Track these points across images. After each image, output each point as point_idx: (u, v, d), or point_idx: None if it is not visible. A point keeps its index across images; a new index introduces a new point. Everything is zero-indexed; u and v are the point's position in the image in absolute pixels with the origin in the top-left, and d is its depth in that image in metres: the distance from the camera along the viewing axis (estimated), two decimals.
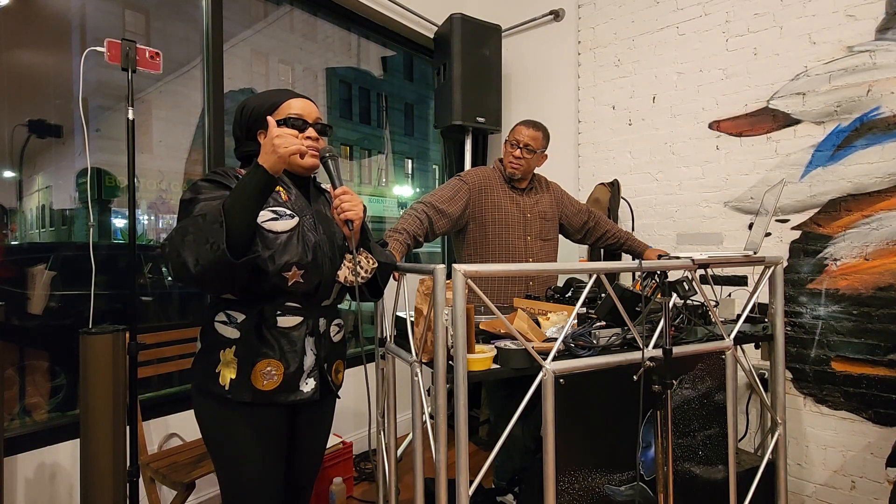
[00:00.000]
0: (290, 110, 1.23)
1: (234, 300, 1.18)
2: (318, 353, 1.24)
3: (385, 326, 1.59)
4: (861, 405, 2.05)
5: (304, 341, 1.21)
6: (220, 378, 1.16)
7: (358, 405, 2.74)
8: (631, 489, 1.36)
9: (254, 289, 1.15)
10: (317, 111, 1.27)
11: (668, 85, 2.57)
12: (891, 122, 1.99)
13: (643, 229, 2.64)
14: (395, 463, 1.58)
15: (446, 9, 2.90)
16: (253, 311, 1.16)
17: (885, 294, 1.99)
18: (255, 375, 1.16)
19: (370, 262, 1.24)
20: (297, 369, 1.19)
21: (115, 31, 2.16)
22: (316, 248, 1.21)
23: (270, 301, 1.18)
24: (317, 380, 1.23)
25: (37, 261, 1.96)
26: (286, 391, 1.19)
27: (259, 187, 1.05)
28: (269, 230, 1.14)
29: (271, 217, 1.15)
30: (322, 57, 3.08)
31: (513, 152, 2.00)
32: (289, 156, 1.05)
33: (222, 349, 1.17)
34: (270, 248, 1.13)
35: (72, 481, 1.76)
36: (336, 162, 1.21)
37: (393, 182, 3.72)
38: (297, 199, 1.24)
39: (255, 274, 1.11)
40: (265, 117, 1.18)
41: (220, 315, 1.18)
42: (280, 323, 1.18)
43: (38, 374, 1.91)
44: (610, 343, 1.33)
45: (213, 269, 0.99)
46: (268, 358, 1.16)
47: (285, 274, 1.15)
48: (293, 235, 1.17)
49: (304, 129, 1.22)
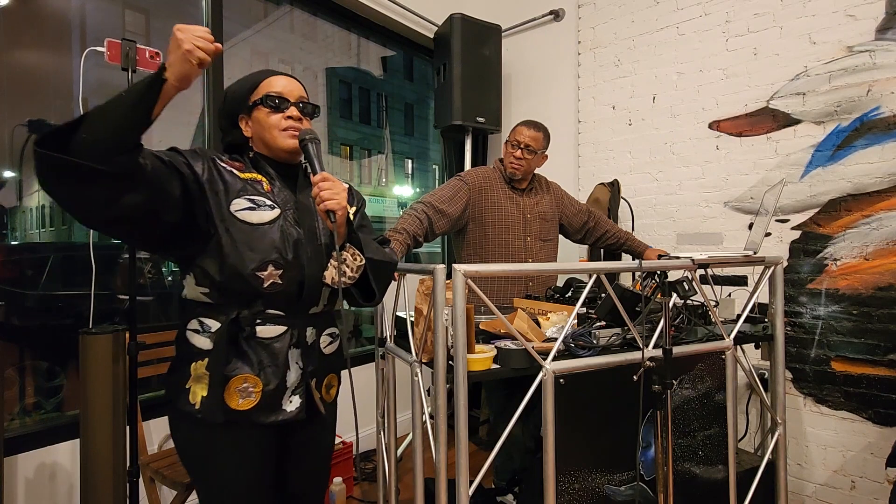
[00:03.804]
0: (269, 88, 1.11)
1: (209, 305, 1.05)
2: (304, 367, 1.10)
3: (385, 326, 1.59)
4: (861, 405, 2.05)
5: (287, 354, 1.07)
6: (191, 395, 1.03)
7: (358, 405, 2.74)
8: (631, 489, 1.36)
9: (227, 291, 1.03)
10: (301, 89, 1.15)
11: (668, 85, 2.57)
12: (891, 122, 1.98)
13: (643, 229, 2.64)
14: (395, 463, 1.58)
15: (446, 9, 2.90)
16: (228, 319, 1.02)
17: (885, 294, 1.99)
18: (230, 393, 1.02)
19: (357, 259, 1.08)
20: (278, 386, 1.05)
21: (115, 31, 2.16)
22: (298, 244, 1.07)
23: (248, 307, 1.04)
24: (303, 397, 1.09)
25: (37, 261, 1.97)
26: (266, 411, 1.05)
27: (144, 85, 0.83)
28: (243, 221, 1.02)
29: (247, 206, 1.03)
30: (322, 57, 3.08)
31: (513, 153, 2.00)
32: (194, 52, 0.84)
33: (194, 361, 1.03)
34: (245, 243, 1.01)
35: (72, 481, 1.76)
36: (317, 146, 1.08)
37: (393, 182, 3.72)
38: (280, 190, 1.11)
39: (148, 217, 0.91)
40: (245, 101, 1.11)
41: (192, 322, 1.05)
42: (260, 333, 1.04)
43: (38, 374, 1.91)
44: (610, 343, 1.33)
45: (43, 167, 0.79)
46: (244, 373, 1.03)
47: (260, 274, 1.01)
48: (272, 229, 1.04)
49: (285, 107, 1.10)
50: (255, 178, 1.09)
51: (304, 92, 1.16)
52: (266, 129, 1.10)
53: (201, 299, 1.05)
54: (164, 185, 0.93)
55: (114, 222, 0.90)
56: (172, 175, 0.95)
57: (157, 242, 1.00)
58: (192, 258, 1.03)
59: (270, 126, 1.10)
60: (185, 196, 0.97)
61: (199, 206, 1.00)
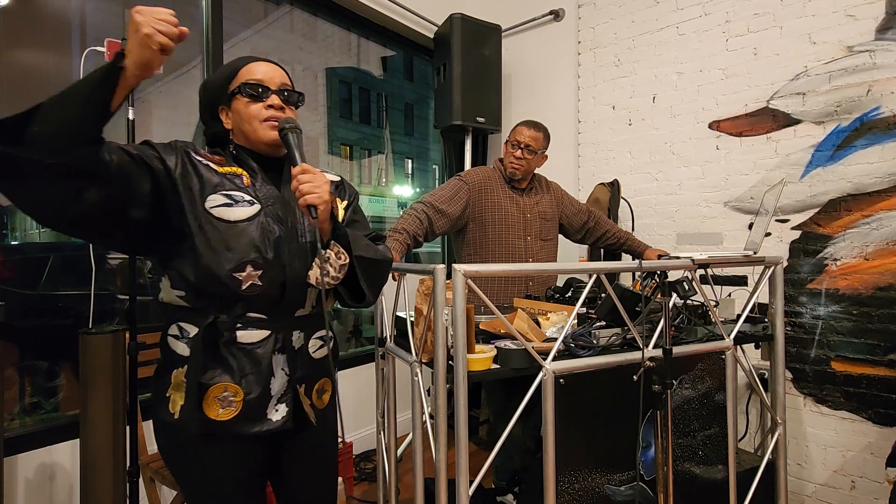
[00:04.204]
0: (248, 76, 1.03)
1: (187, 309, 0.98)
2: (291, 373, 1.03)
3: (385, 326, 1.59)
4: (861, 405, 2.05)
5: (271, 360, 1.00)
6: (171, 404, 0.98)
7: (358, 405, 2.74)
8: (631, 489, 1.36)
9: (204, 294, 0.96)
10: (283, 76, 1.07)
11: (668, 85, 2.57)
12: (891, 122, 1.98)
13: (643, 229, 2.64)
14: (395, 463, 1.58)
15: (446, 9, 2.90)
16: (207, 323, 0.96)
17: (885, 294, 1.99)
18: (209, 402, 0.95)
19: (342, 258, 1.00)
20: (261, 394, 0.98)
21: (115, 31, 2.16)
22: (279, 243, 1.00)
23: (228, 310, 0.97)
24: (289, 405, 1.02)
25: (37, 261, 1.97)
26: (249, 421, 0.98)
27: (101, 73, 0.77)
28: (219, 218, 0.95)
29: (223, 203, 0.96)
30: (322, 57, 3.08)
31: (514, 153, 2.00)
32: (154, 36, 0.76)
33: (175, 368, 0.98)
34: (221, 242, 0.94)
35: (72, 481, 1.76)
36: (298, 135, 1.00)
37: (393, 182, 3.72)
38: (262, 184, 1.04)
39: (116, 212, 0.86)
40: (224, 90, 1.03)
41: (172, 327, 1.00)
42: (240, 338, 0.98)
43: (38, 374, 1.91)
44: (610, 343, 1.33)
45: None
46: (223, 381, 0.96)
47: (237, 275, 0.94)
48: (250, 227, 0.97)
49: (265, 96, 1.02)
50: (234, 173, 1.02)
51: (288, 79, 1.08)
52: (246, 119, 1.03)
53: (178, 303, 0.99)
54: (131, 181, 0.87)
55: (75, 222, 0.84)
56: (142, 170, 0.89)
57: (124, 242, 0.95)
58: (168, 259, 0.98)
59: (250, 117, 1.02)
60: (155, 192, 0.91)
61: (172, 202, 0.94)
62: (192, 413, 0.94)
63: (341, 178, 1.21)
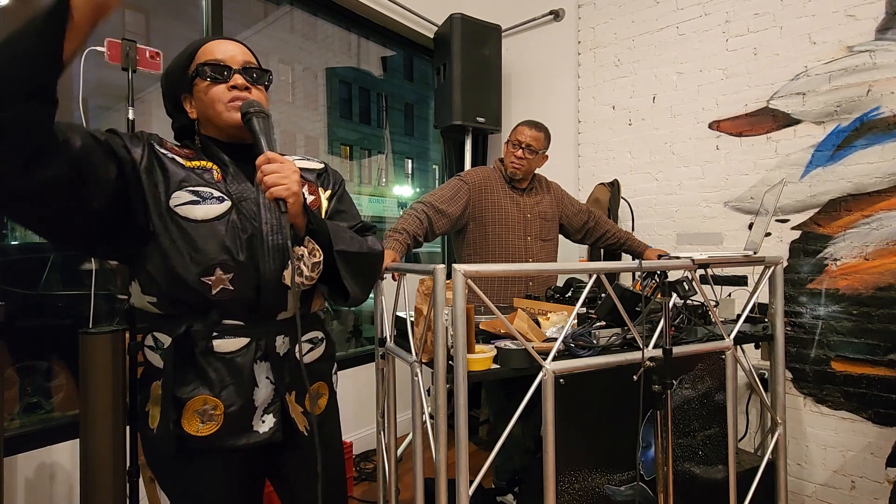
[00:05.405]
0: (207, 56, 0.93)
1: (161, 316, 0.92)
2: (277, 381, 0.96)
3: (385, 326, 1.59)
4: (861, 405, 2.05)
5: (252, 369, 0.93)
6: (150, 418, 0.92)
7: (358, 405, 2.74)
8: (631, 489, 1.36)
9: (175, 301, 0.89)
10: (246, 53, 0.97)
11: (668, 85, 2.57)
12: (891, 122, 1.98)
13: (643, 229, 2.64)
14: (395, 463, 1.58)
15: (446, 9, 2.90)
16: (179, 333, 0.89)
17: (885, 294, 1.99)
18: (188, 417, 0.89)
19: (316, 255, 0.92)
20: (244, 406, 0.92)
21: (115, 31, 2.16)
22: (252, 242, 0.92)
23: (202, 318, 0.90)
24: (277, 416, 0.95)
25: (37, 261, 1.96)
26: (233, 434, 0.91)
27: (44, 11, 0.68)
28: (185, 217, 0.87)
29: (189, 200, 0.88)
30: (322, 57, 3.08)
31: (514, 152, 2.00)
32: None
33: (153, 381, 0.92)
34: (188, 244, 0.87)
35: (72, 481, 1.76)
36: (264, 120, 0.90)
37: (393, 182, 3.72)
38: (235, 178, 0.95)
39: None
40: (184, 75, 0.94)
41: (148, 338, 0.94)
42: (217, 347, 0.91)
43: (38, 374, 1.91)
44: (610, 343, 1.33)
45: None
46: (202, 394, 0.89)
47: (206, 279, 0.87)
48: (219, 226, 0.89)
49: (227, 77, 0.93)
50: (203, 167, 0.93)
51: (252, 56, 0.99)
52: (208, 104, 0.93)
53: (150, 310, 0.92)
54: (95, 165, 0.79)
55: (19, 199, 0.72)
56: (108, 156, 0.82)
57: (79, 237, 0.83)
58: (134, 261, 0.90)
59: (213, 100, 0.93)
60: (119, 181, 0.83)
61: (136, 196, 0.85)
62: (167, 430, 0.88)
63: (325, 164, 1.14)
